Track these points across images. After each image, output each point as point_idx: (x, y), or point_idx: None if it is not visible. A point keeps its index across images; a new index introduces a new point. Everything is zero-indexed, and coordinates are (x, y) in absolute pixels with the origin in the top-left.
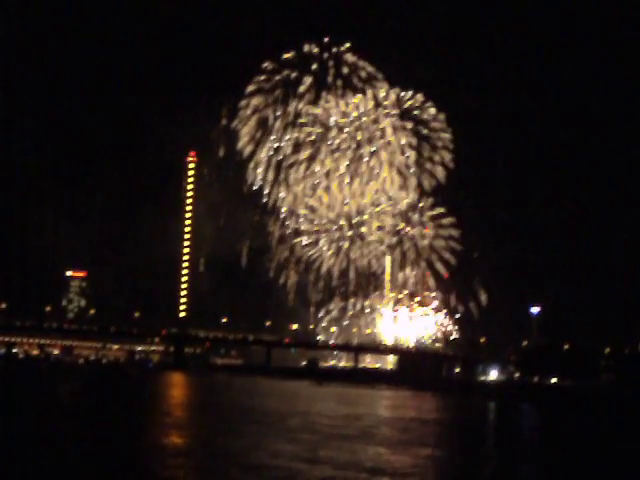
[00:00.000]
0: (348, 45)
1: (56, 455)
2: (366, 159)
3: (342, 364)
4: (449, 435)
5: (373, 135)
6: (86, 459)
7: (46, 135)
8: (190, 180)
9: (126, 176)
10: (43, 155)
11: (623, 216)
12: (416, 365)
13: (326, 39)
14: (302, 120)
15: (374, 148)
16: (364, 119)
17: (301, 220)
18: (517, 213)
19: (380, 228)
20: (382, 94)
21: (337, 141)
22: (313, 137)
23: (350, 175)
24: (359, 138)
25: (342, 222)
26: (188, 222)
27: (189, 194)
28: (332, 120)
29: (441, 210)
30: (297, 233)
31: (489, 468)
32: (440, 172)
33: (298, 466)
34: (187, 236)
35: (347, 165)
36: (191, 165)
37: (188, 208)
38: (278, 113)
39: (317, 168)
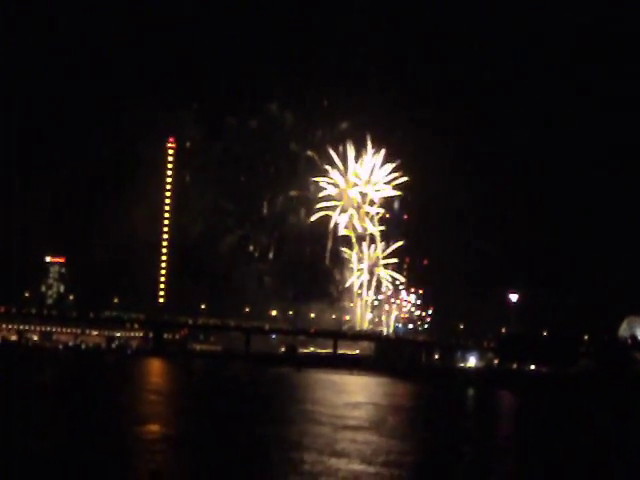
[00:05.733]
0: None
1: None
2: None
3: (320, 350)
4: (456, 425)
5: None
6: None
7: (24, 119)
8: (169, 166)
9: (106, 161)
10: (22, 139)
11: (601, 202)
12: (395, 351)
13: None
14: None
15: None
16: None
17: None
18: (496, 199)
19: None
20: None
21: None
22: None
23: None
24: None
25: None
26: (167, 208)
27: (168, 180)
28: None
29: None
30: None
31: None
32: None
33: (328, 460)
34: (166, 222)
35: None
36: (170, 151)
37: (167, 194)
38: None
39: None
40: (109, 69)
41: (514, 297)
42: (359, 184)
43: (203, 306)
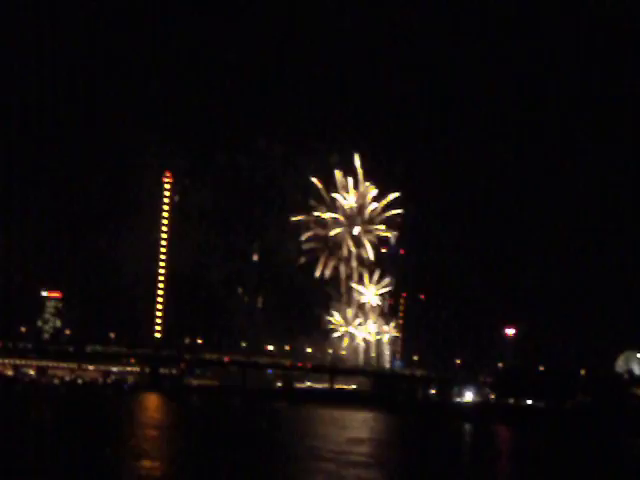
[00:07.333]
0: None
1: None
2: None
3: (317, 385)
4: (456, 461)
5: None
6: None
7: (22, 154)
8: (166, 200)
9: (102, 196)
10: (18, 173)
11: (598, 239)
12: (392, 387)
13: None
14: None
15: None
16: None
17: None
18: (492, 235)
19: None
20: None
21: None
22: None
23: None
24: None
25: None
26: (164, 242)
27: (165, 214)
28: None
29: None
30: None
31: None
32: None
33: None
34: (162, 257)
35: None
36: (167, 186)
37: (164, 228)
38: None
39: None
40: (105, 103)
41: (511, 331)
42: (348, 224)
43: (200, 341)
